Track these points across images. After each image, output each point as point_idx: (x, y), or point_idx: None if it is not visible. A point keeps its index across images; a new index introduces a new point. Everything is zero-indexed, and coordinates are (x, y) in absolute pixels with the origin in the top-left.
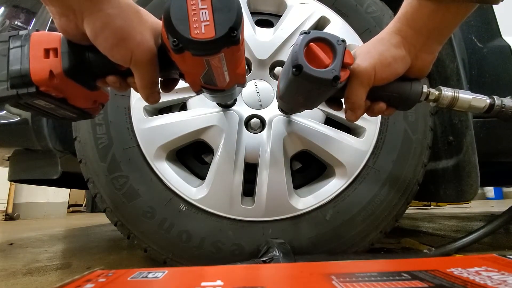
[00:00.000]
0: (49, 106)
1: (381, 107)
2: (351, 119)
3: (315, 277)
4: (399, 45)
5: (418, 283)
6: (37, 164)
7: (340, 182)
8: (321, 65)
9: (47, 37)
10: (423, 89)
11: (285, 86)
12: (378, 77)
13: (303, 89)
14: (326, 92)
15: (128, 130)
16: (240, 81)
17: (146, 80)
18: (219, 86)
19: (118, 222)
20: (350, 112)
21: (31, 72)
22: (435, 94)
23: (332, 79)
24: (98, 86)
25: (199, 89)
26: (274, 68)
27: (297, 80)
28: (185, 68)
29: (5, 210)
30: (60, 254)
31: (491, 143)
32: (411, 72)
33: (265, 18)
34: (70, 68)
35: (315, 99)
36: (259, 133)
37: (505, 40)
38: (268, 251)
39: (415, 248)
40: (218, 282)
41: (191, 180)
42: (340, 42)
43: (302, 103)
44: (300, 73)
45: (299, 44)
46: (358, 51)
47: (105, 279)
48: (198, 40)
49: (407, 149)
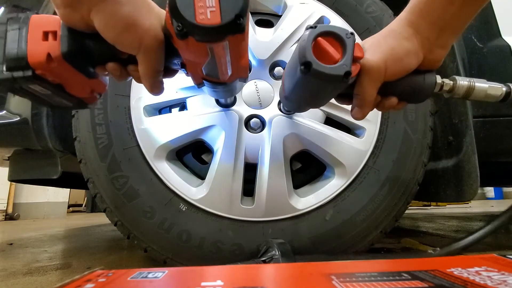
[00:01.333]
0: (45, 92)
1: (392, 102)
2: (358, 117)
3: (315, 277)
4: (412, 38)
5: (418, 283)
6: (37, 164)
7: (340, 182)
8: (331, 61)
9: (46, 20)
10: (437, 80)
11: (292, 85)
12: (389, 73)
13: (311, 88)
14: (335, 89)
15: (128, 130)
16: (243, 74)
17: (152, 68)
18: (221, 78)
19: (118, 222)
20: (357, 110)
21: (28, 55)
22: (450, 84)
23: (343, 75)
24: (97, 73)
25: (200, 81)
26: (274, 68)
27: (306, 78)
28: (188, 56)
29: (5, 210)
30: (60, 254)
31: (491, 143)
32: (422, 66)
33: (265, 18)
34: (68, 52)
35: (324, 97)
36: (259, 133)
37: (505, 40)
38: (268, 251)
39: (415, 248)
40: (218, 282)
41: (191, 180)
42: (349, 35)
43: (309, 102)
44: (309, 70)
45: (306, 39)
46: (367, 44)
47: (105, 279)
48: (203, 25)
49: (407, 149)
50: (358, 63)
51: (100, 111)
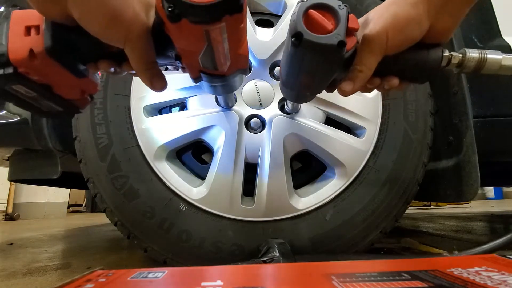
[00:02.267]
0: (31, 94)
1: (394, 83)
2: (347, 89)
3: (315, 277)
4: (416, 4)
5: (418, 283)
6: (37, 164)
7: (340, 182)
8: (324, 32)
9: (29, 14)
10: (444, 53)
11: (286, 66)
12: (391, 43)
13: (306, 64)
14: (331, 64)
15: (128, 130)
16: (242, 65)
17: (143, 60)
18: (220, 69)
19: (118, 222)
20: (348, 82)
21: (9, 51)
22: (459, 57)
23: (337, 45)
24: (86, 71)
25: (197, 75)
26: (274, 68)
27: (299, 52)
28: (182, 44)
29: (5, 210)
30: (60, 254)
31: (491, 143)
32: (428, 38)
33: (265, 18)
34: (52, 47)
35: (321, 77)
36: (259, 133)
37: (505, 40)
38: (268, 251)
39: (415, 248)
40: (218, 282)
41: (191, 180)
42: (342, 7)
43: (307, 85)
44: (300, 42)
45: (297, 12)
46: (370, 15)
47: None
48: (197, 3)
49: (407, 149)
50: (354, 35)
51: (100, 111)
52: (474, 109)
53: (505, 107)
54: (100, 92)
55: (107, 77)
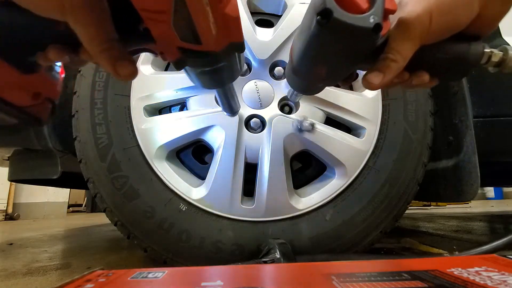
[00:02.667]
0: None
1: (424, 79)
2: (374, 82)
3: (315, 277)
4: None
5: (418, 283)
6: (37, 164)
7: (340, 182)
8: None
9: None
10: (485, 49)
11: (303, 49)
12: (434, 28)
13: (329, 49)
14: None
15: (128, 130)
16: (234, 36)
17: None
18: (204, 42)
19: (118, 222)
20: (376, 74)
21: None
22: (499, 55)
23: (372, 29)
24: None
25: (177, 55)
26: (274, 68)
27: (323, 34)
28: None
29: (5, 210)
30: (60, 254)
31: (491, 143)
32: (472, 27)
33: (265, 18)
34: None
35: (342, 66)
36: (259, 133)
37: (505, 40)
38: (268, 251)
39: (415, 248)
40: (218, 282)
41: (191, 180)
42: None
43: (324, 74)
44: (328, 20)
45: None
46: None
47: (105, 279)
48: None
49: (407, 149)
50: (388, 20)
51: (100, 111)
52: (474, 109)
53: (505, 107)
54: (100, 92)
55: (107, 77)
